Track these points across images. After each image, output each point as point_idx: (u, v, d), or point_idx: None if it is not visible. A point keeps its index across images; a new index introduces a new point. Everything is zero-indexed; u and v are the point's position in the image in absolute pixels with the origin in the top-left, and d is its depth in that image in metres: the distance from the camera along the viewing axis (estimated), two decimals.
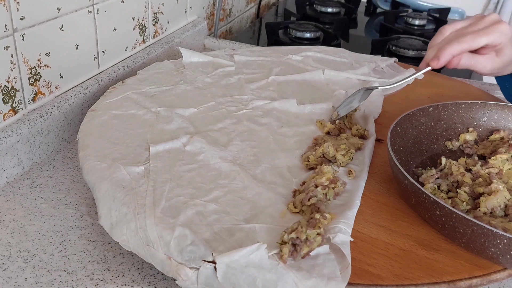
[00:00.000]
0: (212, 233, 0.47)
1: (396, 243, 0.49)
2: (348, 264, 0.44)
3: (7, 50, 0.63)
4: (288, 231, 0.46)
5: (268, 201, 0.52)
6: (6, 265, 0.51)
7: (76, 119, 0.75)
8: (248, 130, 0.66)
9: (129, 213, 0.49)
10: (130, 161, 0.57)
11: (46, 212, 0.59)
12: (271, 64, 0.88)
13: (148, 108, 0.69)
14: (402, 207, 0.54)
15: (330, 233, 0.46)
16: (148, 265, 0.53)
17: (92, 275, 0.51)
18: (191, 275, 0.44)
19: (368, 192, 0.56)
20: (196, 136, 0.62)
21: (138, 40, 0.93)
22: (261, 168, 0.58)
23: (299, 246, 0.44)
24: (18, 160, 0.65)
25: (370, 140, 0.64)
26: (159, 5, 0.97)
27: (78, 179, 0.66)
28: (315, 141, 0.64)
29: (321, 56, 0.93)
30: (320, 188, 0.52)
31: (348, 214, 0.50)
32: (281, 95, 0.77)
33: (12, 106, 0.66)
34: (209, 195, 0.53)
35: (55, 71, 0.72)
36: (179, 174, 0.56)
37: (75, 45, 0.75)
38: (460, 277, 0.45)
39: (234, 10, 1.37)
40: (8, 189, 0.63)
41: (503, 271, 0.46)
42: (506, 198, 0.52)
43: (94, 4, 0.78)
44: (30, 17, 0.65)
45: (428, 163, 0.62)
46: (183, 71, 0.83)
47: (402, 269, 0.45)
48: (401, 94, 0.82)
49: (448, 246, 0.49)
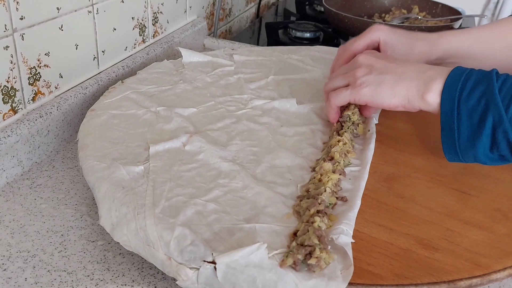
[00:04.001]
0: (212, 233, 0.47)
1: (396, 242, 0.49)
2: (350, 265, 0.43)
3: (7, 50, 0.63)
4: (298, 241, 0.45)
5: (268, 201, 0.52)
6: (6, 265, 0.51)
7: (75, 119, 0.75)
8: (247, 130, 0.66)
9: (129, 213, 0.49)
10: (130, 161, 0.57)
11: (46, 212, 0.59)
12: (270, 64, 0.88)
13: (148, 108, 0.69)
14: (402, 206, 0.54)
15: (333, 234, 0.46)
16: (148, 265, 0.53)
17: (92, 275, 0.51)
18: (191, 275, 0.44)
19: (368, 191, 0.56)
20: (196, 136, 0.62)
21: (138, 40, 0.92)
22: (261, 168, 0.58)
23: (312, 266, 0.43)
24: (17, 160, 0.65)
25: (371, 140, 0.64)
26: (159, 5, 0.97)
27: (78, 179, 0.66)
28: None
29: (320, 55, 0.93)
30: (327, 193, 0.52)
31: (350, 215, 0.49)
32: (280, 94, 0.77)
33: (11, 106, 0.66)
34: (209, 194, 0.53)
35: (54, 71, 0.72)
36: (179, 173, 0.56)
37: (74, 45, 0.75)
38: (460, 277, 0.45)
39: (233, 10, 1.37)
40: (8, 189, 0.63)
41: (503, 270, 0.46)
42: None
43: (94, 4, 0.78)
44: (29, 17, 0.65)
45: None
46: (182, 70, 0.83)
47: (402, 269, 0.45)
48: None
49: (448, 245, 0.49)
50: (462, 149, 0.55)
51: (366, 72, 0.61)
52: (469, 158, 0.56)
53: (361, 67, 0.62)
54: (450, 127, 0.55)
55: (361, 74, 0.61)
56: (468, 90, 0.54)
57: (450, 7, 1.28)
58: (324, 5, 1.23)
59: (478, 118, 0.53)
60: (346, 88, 0.63)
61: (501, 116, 0.52)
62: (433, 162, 0.63)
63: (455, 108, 0.55)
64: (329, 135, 0.66)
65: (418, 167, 0.61)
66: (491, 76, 0.54)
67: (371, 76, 0.61)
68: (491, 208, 0.55)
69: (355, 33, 0.77)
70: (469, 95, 0.54)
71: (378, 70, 0.61)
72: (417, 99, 0.58)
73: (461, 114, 0.54)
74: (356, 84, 0.61)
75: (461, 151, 0.56)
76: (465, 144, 0.55)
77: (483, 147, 0.54)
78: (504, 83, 0.53)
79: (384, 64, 0.61)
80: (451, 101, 0.55)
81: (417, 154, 0.64)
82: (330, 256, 0.44)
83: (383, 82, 0.60)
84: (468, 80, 0.55)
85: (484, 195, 0.57)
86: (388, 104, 0.60)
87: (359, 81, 0.61)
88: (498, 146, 0.53)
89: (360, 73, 0.61)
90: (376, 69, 0.61)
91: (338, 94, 0.63)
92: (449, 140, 0.56)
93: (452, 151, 0.56)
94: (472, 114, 0.54)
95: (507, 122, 0.52)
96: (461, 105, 0.54)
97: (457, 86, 0.55)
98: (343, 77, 0.64)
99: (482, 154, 0.54)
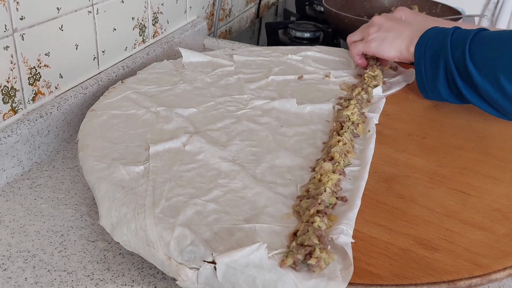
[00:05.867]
0: (212, 233, 0.47)
1: (395, 242, 0.49)
2: (350, 265, 0.44)
3: (7, 50, 0.63)
4: (298, 241, 0.45)
5: (268, 201, 0.52)
6: (6, 265, 0.51)
7: (76, 119, 0.75)
8: (247, 130, 0.66)
9: (129, 213, 0.49)
10: (130, 161, 0.57)
11: (46, 212, 0.59)
12: (270, 64, 0.88)
13: (148, 108, 0.69)
14: (401, 207, 0.54)
15: (333, 234, 0.46)
16: (148, 265, 0.53)
17: (92, 275, 0.51)
18: (191, 275, 0.44)
19: (368, 191, 0.56)
20: (196, 136, 0.62)
21: (138, 40, 0.93)
22: (261, 168, 0.58)
23: (311, 266, 0.43)
24: (18, 160, 0.65)
25: (371, 140, 0.65)
26: (159, 5, 0.97)
27: (78, 179, 0.66)
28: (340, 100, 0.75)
29: (320, 56, 0.93)
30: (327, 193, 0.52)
31: (349, 215, 0.49)
32: (280, 94, 0.77)
33: (12, 106, 0.66)
34: (209, 194, 0.53)
35: (55, 71, 0.72)
36: (179, 173, 0.56)
37: (74, 45, 0.75)
38: (460, 277, 0.45)
39: (233, 10, 1.37)
40: (8, 189, 0.63)
41: (503, 271, 0.46)
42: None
43: (94, 4, 0.78)
44: (29, 17, 0.65)
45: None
46: (182, 71, 0.83)
47: (401, 269, 0.45)
48: (401, 94, 0.82)
49: (448, 245, 0.49)
50: (429, 88, 0.74)
51: (376, 30, 0.81)
52: (436, 96, 0.74)
53: (373, 26, 0.82)
54: (420, 71, 0.74)
55: (372, 31, 0.81)
56: (431, 42, 0.72)
57: (450, 7, 1.28)
58: (324, 5, 1.23)
59: (435, 62, 0.71)
60: (361, 41, 0.83)
61: (448, 59, 0.69)
62: (432, 162, 0.63)
63: (422, 56, 0.73)
64: (329, 135, 0.66)
65: (417, 167, 0.61)
66: (448, 30, 0.71)
67: (379, 33, 0.80)
68: (490, 208, 0.55)
69: None
70: (431, 46, 0.72)
71: (385, 28, 0.80)
72: (405, 51, 0.76)
73: (426, 60, 0.72)
74: (368, 39, 0.81)
75: (429, 90, 0.74)
76: (430, 84, 0.73)
77: (442, 86, 0.72)
78: (455, 35, 0.70)
79: (391, 24, 0.80)
80: (419, 51, 0.73)
81: (416, 155, 0.64)
82: (330, 256, 0.44)
83: (386, 38, 0.79)
84: (433, 35, 0.72)
85: (484, 195, 0.57)
86: (387, 55, 0.79)
87: (370, 37, 0.81)
88: (451, 85, 0.70)
89: (372, 30, 0.81)
90: (384, 28, 0.80)
91: (356, 46, 0.84)
92: (420, 81, 0.74)
93: (423, 90, 0.75)
94: (432, 59, 0.71)
95: (452, 63, 0.68)
96: (425, 53, 0.72)
97: (425, 39, 0.73)
98: (360, 32, 0.85)
99: (444, 92, 0.72)
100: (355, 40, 0.86)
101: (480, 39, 0.67)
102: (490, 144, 0.68)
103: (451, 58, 0.69)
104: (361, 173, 0.58)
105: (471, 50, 0.67)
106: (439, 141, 0.68)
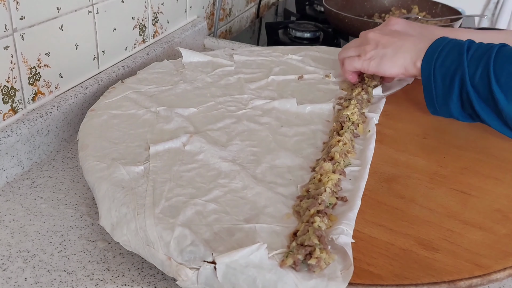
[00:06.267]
0: (212, 233, 0.47)
1: (396, 242, 0.49)
2: (350, 265, 0.43)
3: (7, 50, 0.63)
4: (298, 241, 0.45)
5: (268, 201, 0.52)
6: (6, 265, 0.51)
7: (75, 119, 0.75)
8: (248, 130, 0.66)
9: (128, 213, 0.49)
10: (130, 161, 0.57)
11: (46, 212, 0.59)
12: (270, 64, 0.88)
13: (148, 108, 0.69)
14: (402, 207, 0.54)
15: (333, 234, 0.46)
16: (148, 265, 0.53)
17: (92, 275, 0.51)
18: (191, 275, 0.44)
19: (368, 191, 0.56)
20: (196, 136, 0.62)
21: (138, 40, 0.92)
22: (261, 168, 0.58)
23: (312, 266, 0.43)
24: (17, 160, 0.65)
25: (371, 140, 0.64)
26: (159, 5, 0.97)
27: (78, 179, 0.66)
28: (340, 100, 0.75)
29: (320, 55, 0.93)
30: (328, 193, 0.51)
31: (350, 215, 0.49)
32: (280, 94, 0.77)
33: (11, 106, 0.66)
34: (209, 194, 0.53)
35: (54, 71, 0.72)
36: (179, 173, 0.56)
37: (74, 45, 0.75)
38: (460, 277, 0.45)
39: (234, 10, 1.37)
40: (8, 189, 0.63)
41: (503, 271, 0.46)
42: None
43: (94, 4, 0.78)
44: (29, 17, 0.65)
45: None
46: (182, 70, 0.83)
47: (402, 269, 0.45)
48: (401, 94, 0.82)
49: (448, 246, 0.49)
50: (439, 106, 0.68)
51: (373, 47, 0.75)
52: (446, 114, 0.69)
53: (369, 43, 0.76)
54: (429, 88, 0.68)
55: (369, 49, 0.75)
56: (442, 57, 0.66)
57: (450, 7, 1.28)
58: (324, 5, 1.23)
59: (448, 81, 0.65)
60: (359, 58, 0.77)
61: (465, 80, 0.63)
62: (433, 162, 0.63)
63: (431, 73, 0.67)
64: (329, 135, 0.66)
65: (418, 167, 0.61)
66: (463, 45, 0.65)
67: (377, 51, 0.74)
68: (491, 209, 0.55)
69: (355, 33, 0.79)
70: (443, 62, 0.66)
71: (382, 44, 0.74)
72: (411, 67, 0.70)
73: (436, 78, 0.66)
74: (366, 58, 0.76)
75: (439, 107, 0.68)
76: (440, 102, 0.68)
77: (454, 106, 0.66)
78: (472, 50, 0.64)
79: (388, 39, 0.74)
80: (428, 67, 0.67)
81: (417, 155, 0.64)
82: (330, 256, 0.44)
83: (385, 56, 0.73)
84: (443, 49, 0.66)
85: (484, 195, 0.57)
86: (390, 73, 0.74)
87: (368, 55, 0.75)
88: (465, 105, 0.65)
89: (369, 48, 0.75)
90: (381, 44, 0.74)
91: (352, 61, 0.78)
92: (429, 98, 0.69)
93: (431, 107, 0.69)
94: (444, 77, 0.66)
95: (469, 84, 0.63)
96: (436, 70, 0.66)
97: (434, 54, 0.67)
98: (355, 49, 0.78)
99: (455, 111, 0.67)
100: (349, 56, 0.79)
101: (505, 58, 0.61)
102: (491, 144, 0.68)
103: (469, 79, 0.63)
104: (361, 173, 0.58)
105: (496, 71, 0.60)
106: (439, 141, 0.68)
